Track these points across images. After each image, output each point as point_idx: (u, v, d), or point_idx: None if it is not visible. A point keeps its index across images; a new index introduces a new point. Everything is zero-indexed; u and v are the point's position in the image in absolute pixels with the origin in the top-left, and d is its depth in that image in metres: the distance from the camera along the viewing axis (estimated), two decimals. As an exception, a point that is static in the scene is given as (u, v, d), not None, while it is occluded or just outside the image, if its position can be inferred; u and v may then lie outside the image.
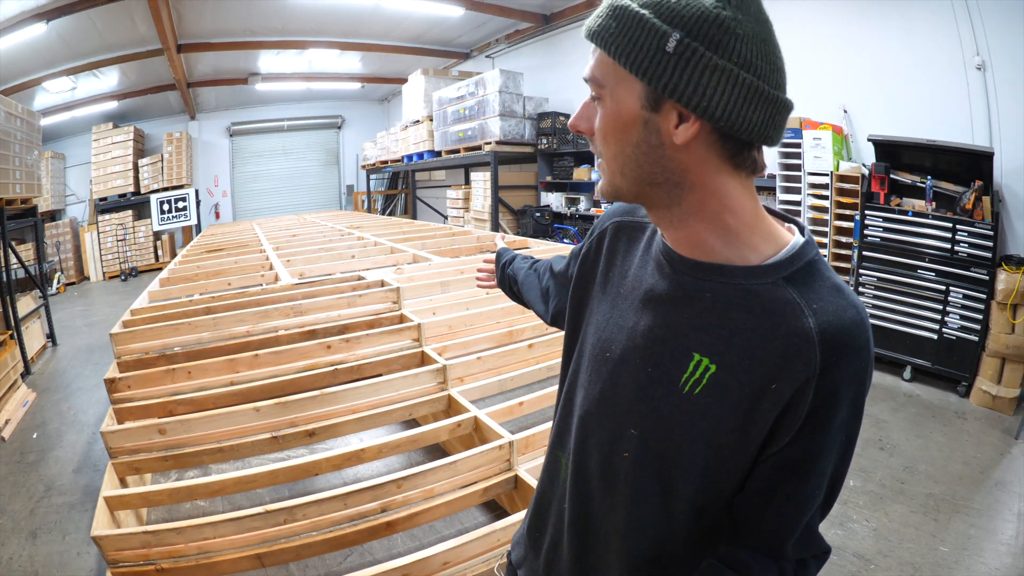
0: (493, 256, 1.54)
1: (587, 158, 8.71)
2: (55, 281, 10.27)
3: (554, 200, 9.08)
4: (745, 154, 0.71)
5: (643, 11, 0.66)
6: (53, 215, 11.77)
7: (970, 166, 4.57)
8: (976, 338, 4.47)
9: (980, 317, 4.45)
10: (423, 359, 3.35)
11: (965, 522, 2.99)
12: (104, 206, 12.11)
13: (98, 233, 11.72)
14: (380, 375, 3.10)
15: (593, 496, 0.87)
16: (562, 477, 0.95)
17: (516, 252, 1.48)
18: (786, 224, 0.79)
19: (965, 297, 4.51)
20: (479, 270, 1.59)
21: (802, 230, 0.77)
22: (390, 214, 15.23)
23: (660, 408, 0.76)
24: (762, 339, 0.70)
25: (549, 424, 2.72)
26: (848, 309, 0.69)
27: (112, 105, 11.70)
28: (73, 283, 11.35)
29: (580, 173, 8.66)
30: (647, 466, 0.78)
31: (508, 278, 1.42)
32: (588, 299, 0.95)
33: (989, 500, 3.21)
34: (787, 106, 0.70)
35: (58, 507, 3.20)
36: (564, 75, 9.63)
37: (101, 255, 11.75)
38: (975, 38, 4.74)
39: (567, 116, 8.95)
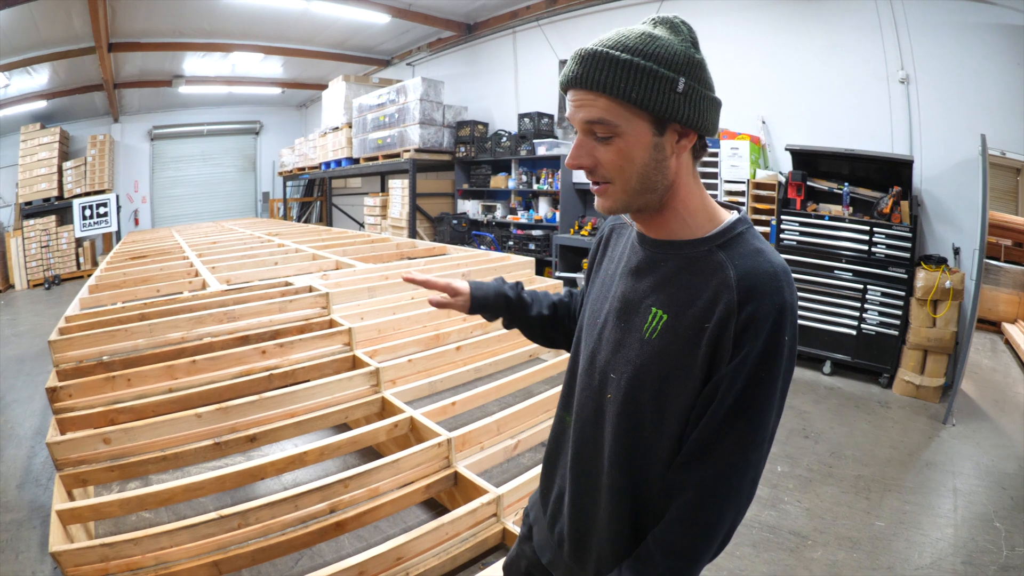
0: None
1: (503, 167, 8.77)
2: (-21, 290, 9.71)
3: (471, 207, 9.14)
4: (701, 146, 0.95)
5: (649, 63, 0.86)
6: (-22, 220, 11.15)
7: (889, 173, 4.89)
8: (896, 332, 4.78)
9: (899, 313, 4.76)
10: (355, 363, 3.39)
11: (899, 499, 3.17)
12: (29, 211, 11.43)
13: (23, 239, 11.12)
14: (314, 379, 3.12)
15: (587, 439, 1.06)
16: (567, 434, 1.13)
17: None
18: (729, 209, 1.02)
19: (883, 295, 4.81)
20: None
21: (739, 211, 1.00)
22: (305, 221, 14.99)
23: (629, 353, 0.97)
24: (698, 291, 0.91)
25: (483, 422, 2.85)
26: (763, 264, 0.89)
27: (41, 105, 11.16)
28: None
29: (497, 181, 8.72)
30: (623, 404, 0.97)
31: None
32: (590, 287, 1.18)
33: (921, 479, 3.40)
34: (721, 103, 0.95)
35: (7, 525, 3.06)
36: (483, 84, 9.73)
37: (26, 262, 11.13)
38: (900, 53, 5.01)
39: (485, 125, 9.11)
